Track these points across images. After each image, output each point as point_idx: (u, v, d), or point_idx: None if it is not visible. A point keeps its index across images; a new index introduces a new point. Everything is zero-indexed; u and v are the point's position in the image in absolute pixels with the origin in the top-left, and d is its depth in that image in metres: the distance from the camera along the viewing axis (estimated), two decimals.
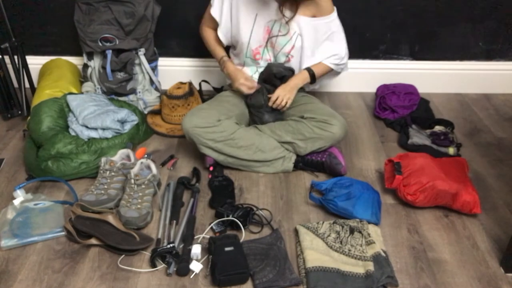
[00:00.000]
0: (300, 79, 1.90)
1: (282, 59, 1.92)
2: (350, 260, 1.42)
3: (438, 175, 1.62)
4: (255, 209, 1.61)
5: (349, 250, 1.45)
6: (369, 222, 1.56)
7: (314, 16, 1.84)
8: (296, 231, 1.55)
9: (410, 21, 2.36)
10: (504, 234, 1.58)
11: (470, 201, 1.60)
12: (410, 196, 1.62)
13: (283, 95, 1.86)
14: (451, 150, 1.90)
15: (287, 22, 1.82)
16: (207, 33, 2.04)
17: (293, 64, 1.93)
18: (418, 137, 1.98)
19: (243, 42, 1.89)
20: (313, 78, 1.91)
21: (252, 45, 1.89)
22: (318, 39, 1.88)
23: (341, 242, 1.48)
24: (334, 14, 1.88)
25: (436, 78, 2.51)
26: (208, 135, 1.76)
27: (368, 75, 2.50)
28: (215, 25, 1.97)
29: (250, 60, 1.94)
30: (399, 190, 1.65)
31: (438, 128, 1.99)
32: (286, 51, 1.88)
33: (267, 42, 1.89)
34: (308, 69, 1.90)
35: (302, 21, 1.83)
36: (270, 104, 1.87)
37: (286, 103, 1.86)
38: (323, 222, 1.55)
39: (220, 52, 2.01)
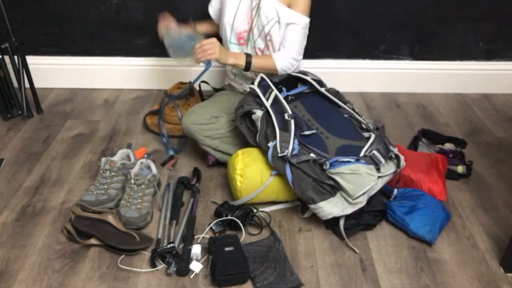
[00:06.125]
0: (234, 56, 1.76)
1: (261, 45, 1.85)
2: None
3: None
4: (254, 210, 1.61)
5: None
6: (423, 240, 1.53)
7: (289, 6, 1.78)
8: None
9: (410, 21, 2.36)
10: (504, 234, 1.59)
11: (434, 190, 1.67)
12: None
13: (208, 46, 1.68)
14: (460, 169, 1.83)
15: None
16: None
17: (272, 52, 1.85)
18: (426, 151, 1.94)
19: (227, 23, 1.84)
20: (248, 64, 1.76)
21: (236, 28, 1.84)
22: (284, 33, 1.80)
23: None
24: (306, 20, 1.79)
25: (436, 78, 2.51)
26: (205, 132, 1.76)
27: (368, 75, 2.50)
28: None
29: (235, 46, 1.87)
30: None
31: (448, 145, 1.95)
32: (263, 36, 1.82)
33: (251, 29, 1.83)
34: (247, 54, 1.77)
35: (279, 9, 1.77)
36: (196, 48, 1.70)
37: (201, 57, 1.68)
38: None
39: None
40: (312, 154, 1.53)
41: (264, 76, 1.70)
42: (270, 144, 1.57)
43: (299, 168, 1.51)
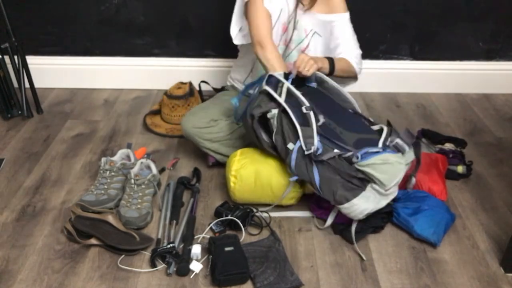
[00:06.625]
0: (320, 59, 1.67)
1: (294, 57, 1.83)
2: None
3: None
4: (254, 210, 1.61)
5: None
6: (428, 241, 1.53)
7: (327, 13, 1.78)
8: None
9: (410, 21, 2.36)
10: (504, 234, 1.58)
11: (434, 189, 1.68)
12: None
13: (307, 59, 1.60)
14: (460, 169, 1.83)
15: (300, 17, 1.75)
16: (272, 51, 1.69)
17: None
18: (426, 151, 1.93)
19: None
20: (332, 67, 1.69)
21: None
22: (333, 37, 1.80)
23: None
24: (347, 15, 1.81)
25: (436, 78, 2.51)
26: (204, 135, 1.76)
27: (368, 75, 2.50)
28: (270, 26, 1.72)
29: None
30: None
31: (448, 145, 1.95)
32: (301, 49, 1.81)
33: (280, 40, 1.81)
34: (328, 58, 1.70)
35: (317, 18, 1.77)
36: (294, 69, 1.61)
37: (309, 69, 1.60)
38: None
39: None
40: (336, 150, 1.49)
41: (272, 73, 1.61)
42: (291, 146, 1.50)
43: (328, 164, 1.46)
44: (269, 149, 1.61)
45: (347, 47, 1.79)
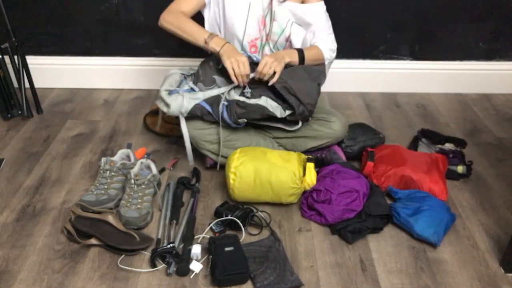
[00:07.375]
0: (287, 53, 1.70)
1: (280, 49, 1.83)
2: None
3: (403, 163, 1.74)
4: (254, 210, 1.61)
5: None
6: (428, 242, 1.52)
7: (303, 2, 1.79)
8: None
9: (410, 21, 2.36)
10: (504, 234, 1.59)
11: (435, 190, 1.68)
12: (376, 180, 1.74)
13: (271, 62, 1.62)
14: (460, 169, 1.83)
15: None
16: (183, 17, 1.76)
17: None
18: (426, 151, 1.94)
19: (237, 35, 1.80)
20: (301, 59, 1.72)
21: (247, 38, 1.81)
22: (309, 26, 1.79)
23: None
24: (321, 4, 1.80)
25: (436, 78, 2.51)
26: (205, 137, 1.76)
27: (368, 75, 2.50)
28: (194, 8, 1.80)
29: (245, 54, 1.82)
30: (370, 176, 1.76)
31: (448, 145, 1.95)
32: (283, 40, 1.81)
33: (264, 35, 1.81)
34: (298, 50, 1.73)
35: (294, 8, 1.77)
36: (257, 74, 1.64)
37: (275, 73, 1.62)
38: None
39: (204, 31, 1.72)
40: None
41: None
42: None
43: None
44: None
45: (321, 34, 1.79)
